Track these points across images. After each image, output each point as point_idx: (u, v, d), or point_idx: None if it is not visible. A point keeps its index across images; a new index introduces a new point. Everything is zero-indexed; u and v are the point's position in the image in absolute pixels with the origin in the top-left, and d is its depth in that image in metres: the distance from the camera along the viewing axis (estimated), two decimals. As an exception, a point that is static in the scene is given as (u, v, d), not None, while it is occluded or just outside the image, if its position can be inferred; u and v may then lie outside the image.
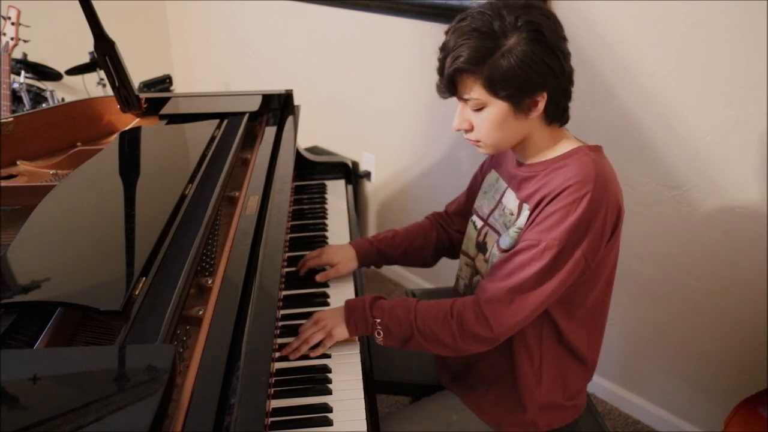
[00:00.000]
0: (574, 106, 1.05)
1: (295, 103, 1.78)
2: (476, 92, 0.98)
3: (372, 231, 2.77)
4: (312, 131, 2.70)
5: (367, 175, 2.60)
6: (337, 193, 1.76)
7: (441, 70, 1.01)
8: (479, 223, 1.20)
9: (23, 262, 0.90)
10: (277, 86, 1.81)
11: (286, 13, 2.70)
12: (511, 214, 1.10)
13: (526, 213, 1.05)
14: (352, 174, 1.85)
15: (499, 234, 1.13)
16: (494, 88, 0.96)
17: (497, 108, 0.99)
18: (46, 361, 0.71)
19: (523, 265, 1.00)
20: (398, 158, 2.45)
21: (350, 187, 1.79)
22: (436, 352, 1.09)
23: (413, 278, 2.60)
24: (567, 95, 1.03)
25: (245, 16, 2.99)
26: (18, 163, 1.46)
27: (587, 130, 1.72)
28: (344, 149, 2.66)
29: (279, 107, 1.75)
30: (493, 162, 1.24)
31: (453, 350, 1.07)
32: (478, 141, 1.05)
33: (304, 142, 2.29)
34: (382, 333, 1.09)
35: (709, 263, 1.61)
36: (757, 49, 1.37)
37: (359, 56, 2.44)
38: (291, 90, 1.76)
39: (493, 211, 1.16)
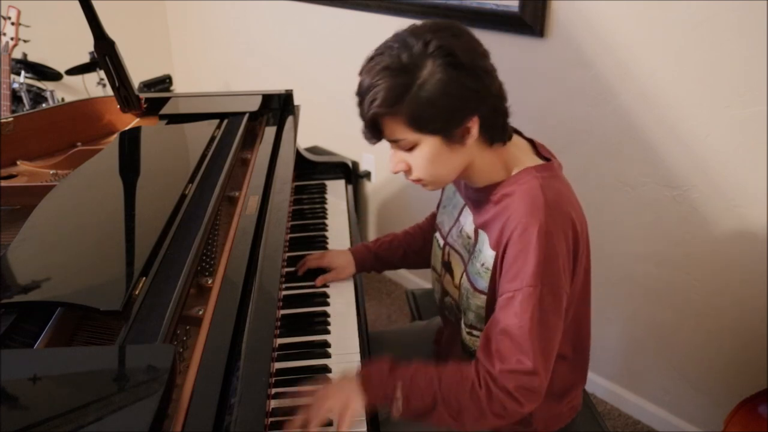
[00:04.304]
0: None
1: (295, 103, 1.78)
2: (402, 133, 0.92)
3: (372, 231, 2.77)
4: (312, 131, 2.70)
5: (367, 175, 2.60)
6: (337, 193, 1.76)
7: (362, 116, 0.94)
8: (441, 242, 1.17)
9: (23, 262, 0.90)
10: (277, 86, 1.81)
11: (287, 13, 2.70)
12: (469, 237, 1.06)
13: (487, 249, 1.00)
14: (352, 174, 1.85)
15: (461, 257, 1.09)
16: (419, 124, 0.91)
17: (429, 144, 0.93)
18: (46, 361, 0.71)
19: (516, 326, 0.92)
20: (398, 158, 2.44)
21: (350, 187, 1.79)
22: (456, 428, 0.96)
23: (413, 278, 2.60)
24: (501, 113, 0.96)
25: (245, 16, 2.99)
26: (18, 163, 1.46)
27: (587, 130, 1.73)
28: (344, 149, 2.66)
29: (279, 107, 1.75)
30: None
31: (478, 421, 0.95)
32: (420, 180, 1.00)
33: (304, 142, 2.28)
34: (402, 405, 0.95)
35: (709, 263, 1.61)
36: (757, 49, 1.37)
37: (359, 56, 2.42)
38: (291, 90, 1.76)
39: (451, 228, 1.13)
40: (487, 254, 1.01)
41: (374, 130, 0.95)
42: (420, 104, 0.89)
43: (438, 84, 0.88)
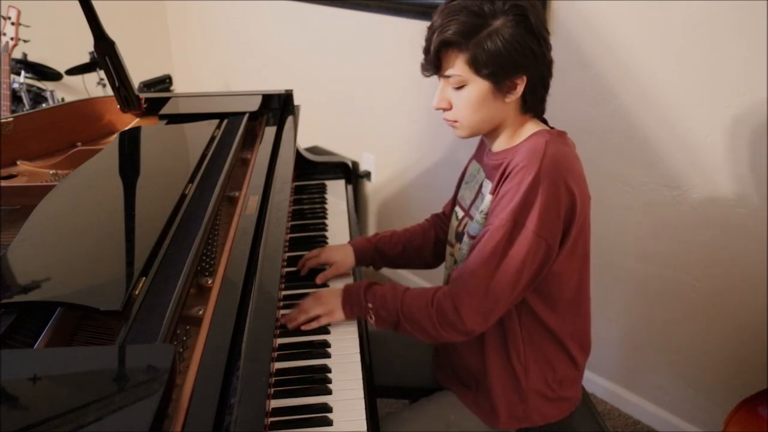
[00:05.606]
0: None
1: (295, 103, 1.78)
2: (459, 68, 1.01)
3: (372, 231, 2.77)
4: (312, 131, 2.70)
5: (367, 175, 2.60)
6: (337, 193, 1.76)
7: (427, 47, 1.04)
8: (461, 214, 1.21)
9: (23, 262, 0.90)
10: (277, 86, 1.81)
11: (287, 13, 2.70)
12: (482, 202, 1.12)
13: (488, 197, 1.08)
14: (352, 174, 1.85)
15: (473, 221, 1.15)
16: (477, 65, 0.99)
17: (478, 86, 1.02)
18: (46, 361, 0.71)
19: (480, 251, 1.02)
20: (398, 158, 2.45)
21: (350, 187, 1.79)
22: (421, 339, 1.11)
23: (413, 278, 2.60)
24: (545, 84, 1.06)
25: (245, 16, 2.99)
26: (18, 163, 1.46)
27: (587, 130, 1.73)
28: (344, 149, 2.66)
29: (279, 107, 1.75)
30: (475, 153, 1.26)
31: (434, 338, 1.09)
32: (455, 121, 1.07)
33: (304, 142, 2.29)
34: (374, 317, 1.13)
35: (709, 263, 1.61)
36: (757, 49, 1.37)
37: (359, 56, 2.44)
38: (291, 90, 1.76)
39: (474, 201, 1.18)
40: (486, 201, 1.08)
41: (435, 60, 1.03)
42: (485, 47, 0.98)
43: (507, 35, 0.98)
